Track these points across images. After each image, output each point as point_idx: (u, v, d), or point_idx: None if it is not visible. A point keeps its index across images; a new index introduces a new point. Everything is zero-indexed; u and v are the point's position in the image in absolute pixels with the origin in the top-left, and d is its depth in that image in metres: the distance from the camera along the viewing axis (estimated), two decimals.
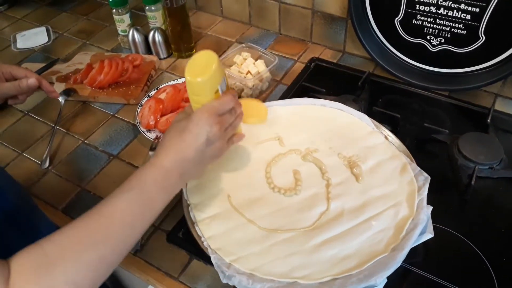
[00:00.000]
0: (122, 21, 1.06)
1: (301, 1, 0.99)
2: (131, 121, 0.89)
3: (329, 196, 0.65)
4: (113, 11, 1.04)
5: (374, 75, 0.93)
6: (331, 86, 0.90)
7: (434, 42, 0.85)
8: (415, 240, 0.57)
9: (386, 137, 0.72)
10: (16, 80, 0.75)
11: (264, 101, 0.90)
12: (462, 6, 0.78)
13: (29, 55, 1.10)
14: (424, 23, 0.84)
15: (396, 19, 0.85)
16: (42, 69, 1.00)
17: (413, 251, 0.57)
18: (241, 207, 0.65)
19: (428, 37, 0.85)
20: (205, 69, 0.54)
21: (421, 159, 0.69)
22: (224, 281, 0.56)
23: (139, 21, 1.13)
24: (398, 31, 0.87)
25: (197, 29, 1.12)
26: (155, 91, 0.91)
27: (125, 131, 0.87)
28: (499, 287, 0.59)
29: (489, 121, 0.79)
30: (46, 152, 0.82)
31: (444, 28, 0.82)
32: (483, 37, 0.80)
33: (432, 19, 0.82)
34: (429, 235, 0.59)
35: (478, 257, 0.62)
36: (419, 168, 0.66)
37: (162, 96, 0.88)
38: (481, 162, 0.72)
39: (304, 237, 0.60)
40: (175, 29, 1.00)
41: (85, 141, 0.86)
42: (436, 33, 0.84)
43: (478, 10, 0.77)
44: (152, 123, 0.83)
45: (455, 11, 0.79)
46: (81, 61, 1.03)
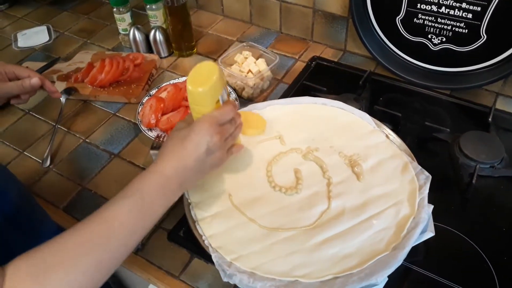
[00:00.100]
0: (123, 20, 1.06)
1: (302, 0, 0.99)
2: (132, 120, 0.89)
3: (330, 195, 0.65)
4: (114, 10, 1.04)
5: (375, 74, 0.93)
6: (332, 85, 0.90)
7: (435, 41, 0.85)
8: (416, 239, 0.57)
9: (387, 136, 0.72)
10: (19, 80, 0.75)
11: (265, 100, 0.90)
12: (464, 5, 0.78)
13: (30, 54, 1.10)
14: (425, 22, 0.83)
15: (397, 18, 0.85)
16: (43, 68, 1.00)
17: (414, 250, 0.57)
18: (242, 205, 0.65)
19: (429, 36, 0.85)
20: (206, 79, 0.55)
21: (422, 158, 0.69)
22: (225, 279, 0.56)
23: (140, 20, 1.13)
24: (399, 30, 0.87)
25: (198, 28, 1.12)
26: (156, 90, 0.91)
27: (126, 130, 0.87)
28: (500, 285, 0.59)
29: (490, 120, 0.79)
30: (47, 151, 0.82)
31: (445, 27, 0.82)
32: (484, 36, 0.79)
33: (433, 18, 0.82)
34: (430, 234, 0.59)
35: (479, 256, 0.62)
36: (420, 167, 0.66)
37: (163, 95, 0.88)
38: (482, 161, 0.72)
39: (305, 235, 0.60)
40: (176, 28, 1.00)
41: (86, 140, 0.86)
42: (437, 32, 0.84)
43: (479, 9, 0.77)
44: (153, 122, 0.83)
45: (456, 10, 0.79)
46: (82, 60, 1.03)
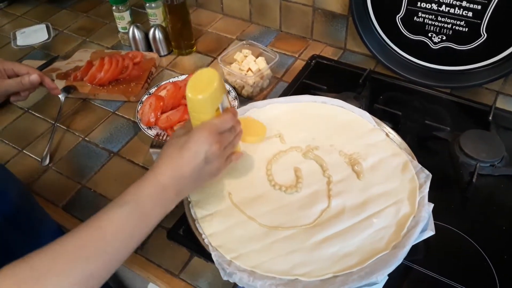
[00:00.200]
0: (122, 18, 1.05)
1: None
2: (132, 118, 0.89)
3: (330, 194, 0.65)
4: (113, 8, 1.04)
5: (375, 72, 0.93)
6: (332, 83, 0.89)
7: (436, 40, 0.85)
8: (416, 238, 0.57)
9: (387, 134, 0.72)
10: (18, 77, 0.75)
11: (264, 98, 0.90)
12: (464, 4, 0.78)
13: (29, 52, 1.10)
14: (426, 20, 0.83)
15: (398, 16, 0.85)
16: (42, 66, 1.00)
17: (414, 249, 0.57)
18: (242, 204, 0.65)
19: (429, 35, 0.85)
20: (206, 86, 0.54)
21: (422, 156, 0.69)
22: (225, 278, 0.56)
23: (139, 18, 1.12)
24: (399, 29, 0.87)
25: (197, 26, 1.11)
26: (156, 88, 0.91)
27: (125, 128, 0.87)
28: (500, 284, 0.59)
29: (490, 118, 0.79)
30: (47, 149, 0.82)
31: (445, 25, 0.82)
32: (484, 35, 0.79)
33: (433, 16, 0.82)
34: (430, 232, 0.59)
35: (479, 254, 0.62)
36: (420, 166, 0.66)
37: (163, 93, 0.87)
38: (483, 159, 0.72)
39: (305, 234, 0.60)
40: (176, 26, 1.00)
41: (86, 138, 0.86)
42: (437, 31, 0.83)
43: (479, 7, 0.77)
44: (153, 120, 0.83)
45: (456, 8, 0.79)
46: (81, 58, 1.03)
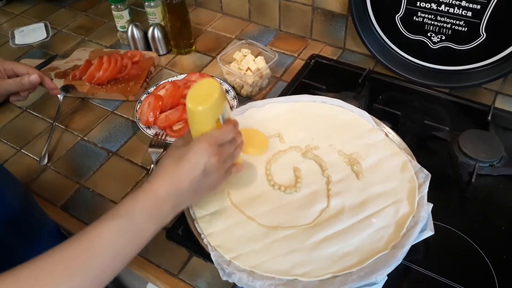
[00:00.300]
0: (121, 17, 1.05)
1: None
2: (130, 118, 0.89)
3: (329, 193, 0.65)
4: (112, 7, 1.04)
5: (374, 72, 0.93)
6: (331, 83, 0.89)
7: (435, 39, 0.85)
8: (415, 238, 0.57)
9: (386, 134, 0.72)
10: (18, 77, 0.75)
11: (263, 98, 0.90)
12: (463, 3, 0.78)
13: (27, 51, 1.09)
14: (425, 20, 0.83)
15: (397, 16, 0.85)
16: (41, 65, 1.00)
17: (413, 249, 0.57)
18: (241, 204, 0.64)
19: (428, 34, 0.85)
20: (207, 97, 0.53)
21: (422, 156, 0.69)
22: (224, 278, 0.56)
23: (138, 17, 1.12)
24: (399, 28, 0.87)
25: (196, 25, 1.11)
26: (154, 87, 0.90)
27: (124, 127, 0.87)
28: (499, 284, 0.59)
29: (489, 118, 0.79)
30: (45, 148, 0.82)
31: (444, 25, 0.82)
32: (483, 34, 0.79)
33: (433, 16, 0.82)
34: (430, 232, 0.59)
35: (478, 254, 0.62)
36: (419, 166, 0.66)
37: (161, 92, 0.87)
38: (482, 159, 0.72)
39: (304, 234, 0.60)
40: (175, 25, 0.99)
41: (84, 137, 0.85)
42: (436, 30, 0.83)
43: (479, 7, 0.77)
44: (152, 119, 0.83)
45: (456, 8, 0.79)
46: (79, 57, 1.02)
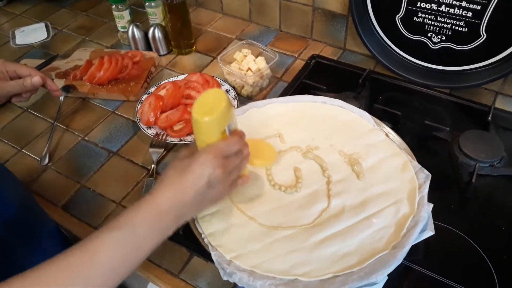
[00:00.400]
0: (122, 17, 1.05)
1: None
2: (131, 118, 0.89)
3: (329, 194, 0.65)
4: (113, 7, 1.04)
5: (374, 72, 0.93)
6: (332, 83, 0.89)
7: (435, 40, 0.85)
8: (415, 238, 0.57)
9: (387, 134, 0.72)
10: (21, 78, 0.75)
11: (264, 98, 0.90)
12: (464, 4, 0.78)
13: (28, 51, 1.09)
14: (425, 20, 0.83)
15: (397, 16, 0.85)
16: (41, 66, 1.00)
17: (413, 249, 0.57)
18: (241, 204, 0.65)
19: (429, 35, 0.85)
20: (213, 108, 0.52)
21: (422, 156, 0.69)
22: (224, 278, 0.56)
23: (139, 18, 1.12)
24: (399, 29, 0.87)
25: (197, 25, 1.11)
26: (155, 87, 0.90)
27: (124, 127, 0.87)
28: (499, 284, 0.59)
29: (489, 119, 0.79)
30: (46, 148, 0.82)
31: (445, 25, 0.82)
32: (484, 35, 0.79)
33: (433, 16, 0.82)
34: (430, 232, 0.59)
35: (478, 254, 0.62)
36: (420, 166, 0.66)
37: (162, 92, 0.87)
38: (482, 160, 0.72)
39: (305, 234, 0.60)
40: (175, 25, 0.99)
41: (85, 137, 0.85)
42: (437, 31, 0.84)
43: (479, 7, 0.77)
44: (152, 119, 0.83)
45: (456, 8, 0.79)
46: (80, 57, 1.02)
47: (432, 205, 0.61)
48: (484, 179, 0.71)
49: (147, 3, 1.02)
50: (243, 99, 0.90)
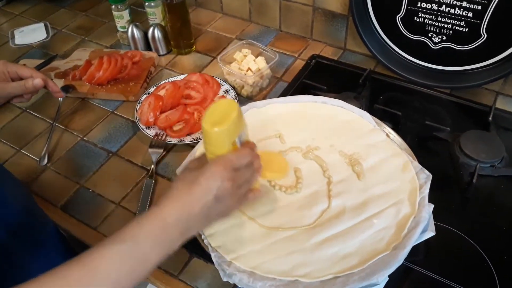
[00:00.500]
0: (121, 17, 1.05)
1: None
2: (130, 118, 0.88)
3: (330, 194, 0.65)
4: (112, 7, 1.04)
5: (375, 72, 0.93)
6: (332, 83, 0.89)
7: (436, 40, 0.85)
8: (416, 239, 0.57)
9: (387, 134, 0.72)
10: (22, 79, 0.75)
11: (264, 98, 0.89)
12: (464, 4, 0.78)
13: (27, 51, 1.09)
14: (426, 20, 0.83)
15: (398, 16, 0.85)
16: (41, 66, 1.00)
17: (414, 249, 0.57)
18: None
19: (429, 35, 0.85)
20: (223, 119, 0.50)
21: (423, 157, 0.69)
22: (224, 279, 0.56)
23: (138, 18, 1.12)
24: (400, 29, 0.86)
25: (196, 25, 1.11)
26: (155, 87, 0.90)
27: (124, 128, 0.87)
28: (500, 285, 0.59)
29: (490, 119, 0.79)
30: (45, 149, 0.82)
31: (445, 25, 0.82)
32: (484, 35, 0.79)
33: (433, 16, 0.82)
34: (431, 233, 0.59)
35: (479, 255, 0.62)
36: (420, 166, 0.66)
37: (162, 93, 0.87)
38: (483, 160, 0.72)
39: (305, 235, 0.60)
40: (175, 25, 0.99)
41: (84, 138, 0.85)
42: (437, 31, 0.83)
43: (480, 7, 0.76)
44: (152, 120, 0.83)
45: (456, 8, 0.79)
46: (79, 57, 1.02)
47: (433, 205, 0.61)
48: (485, 179, 0.71)
49: (146, 3, 1.02)
50: (243, 99, 0.90)
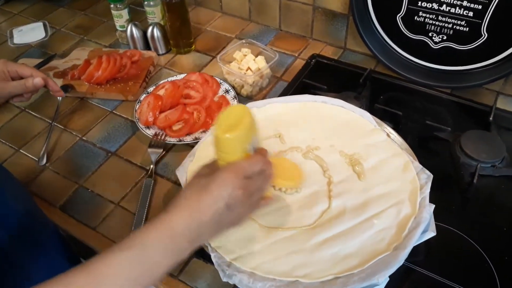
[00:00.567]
0: (120, 17, 1.04)
1: None
2: (130, 118, 0.88)
3: (330, 194, 0.64)
4: (111, 6, 1.03)
5: (375, 72, 0.92)
6: (332, 83, 0.89)
7: (436, 39, 0.84)
8: (417, 239, 0.57)
9: (388, 134, 0.72)
10: (22, 79, 0.74)
11: (264, 98, 0.89)
12: (465, 3, 0.77)
13: (26, 50, 1.09)
14: (426, 20, 0.83)
15: (398, 15, 0.85)
16: (39, 65, 0.99)
17: (415, 250, 0.56)
18: None
19: (430, 34, 0.84)
20: (235, 125, 0.49)
21: (423, 157, 0.69)
22: (224, 280, 0.56)
23: (137, 17, 1.12)
24: (400, 28, 0.86)
25: (196, 24, 1.11)
26: (154, 87, 0.90)
27: (123, 127, 0.86)
28: (501, 285, 0.58)
29: (491, 119, 0.79)
30: (43, 148, 0.81)
31: (446, 25, 0.82)
32: (485, 35, 0.79)
33: (434, 16, 0.82)
34: (432, 233, 0.58)
35: (480, 255, 0.62)
36: (421, 166, 0.65)
37: (161, 92, 0.87)
38: (483, 160, 0.72)
39: (306, 235, 0.60)
40: (174, 24, 0.99)
41: (83, 137, 0.85)
42: (438, 30, 0.83)
43: (480, 7, 0.76)
44: (151, 119, 0.82)
45: (457, 8, 0.79)
46: (78, 56, 1.02)
47: (434, 206, 0.60)
48: (485, 179, 0.71)
49: (146, 2, 1.01)
50: (243, 98, 0.90)
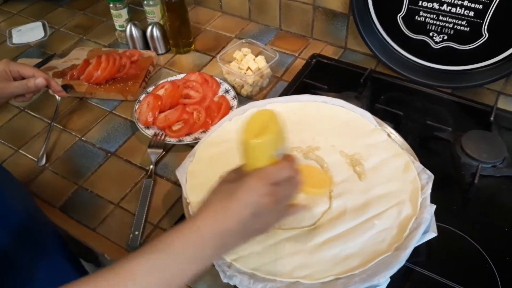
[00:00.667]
0: (120, 16, 1.04)
1: None
2: (129, 118, 0.88)
3: (331, 195, 0.64)
4: (111, 6, 1.03)
5: (376, 72, 0.92)
6: (333, 83, 0.89)
7: (437, 39, 0.84)
8: (418, 239, 0.57)
9: (388, 134, 0.72)
10: (24, 79, 0.74)
11: (264, 97, 0.89)
12: (465, 3, 0.77)
13: (25, 50, 1.08)
14: (427, 19, 0.83)
15: (399, 15, 0.84)
16: (38, 65, 0.99)
17: (416, 250, 0.56)
18: None
19: (430, 34, 0.84)
20: (263, 130, 0.48)
21: (424, 157, 0.68)
22: (225, 280, 0.56)
23: (137, 16, 1.11)
24: (401, 28, 0.86)
25: (195, 24, 1.10)
26: (153, 87, 0.90)
27: (122, 128, 0.86)
28: (502, 285, 0.58)
29: (492, 119, 0.78)
30: (43, 149, 0.81)
31: (447, 25, 0.81)
32: (486, 34, 0.79)
33: (435, 15, 0.81)
34: (433, 234, 0.58)
35: (481, 255, 0.61)
36: (422, 166, 0.65)
37: (161, 92, 0.87)
38: (484, 160, 0.72)
39: (306, 236, 0.59)
40: (174, 24, 0.98)
41: (82, 138, 0.84)
42: (439, 30, 0.83)
43: (481, 7, 0.76)
44: (151, 119, 0.82)
45: (458, 7, 0.78)
46: (77, 56, 1.01)
47: (435, 206, 0.60)
48: (486, 179, 0.71)
49: (145, 2, 1.01)
50: (243, 98, 0.89)
